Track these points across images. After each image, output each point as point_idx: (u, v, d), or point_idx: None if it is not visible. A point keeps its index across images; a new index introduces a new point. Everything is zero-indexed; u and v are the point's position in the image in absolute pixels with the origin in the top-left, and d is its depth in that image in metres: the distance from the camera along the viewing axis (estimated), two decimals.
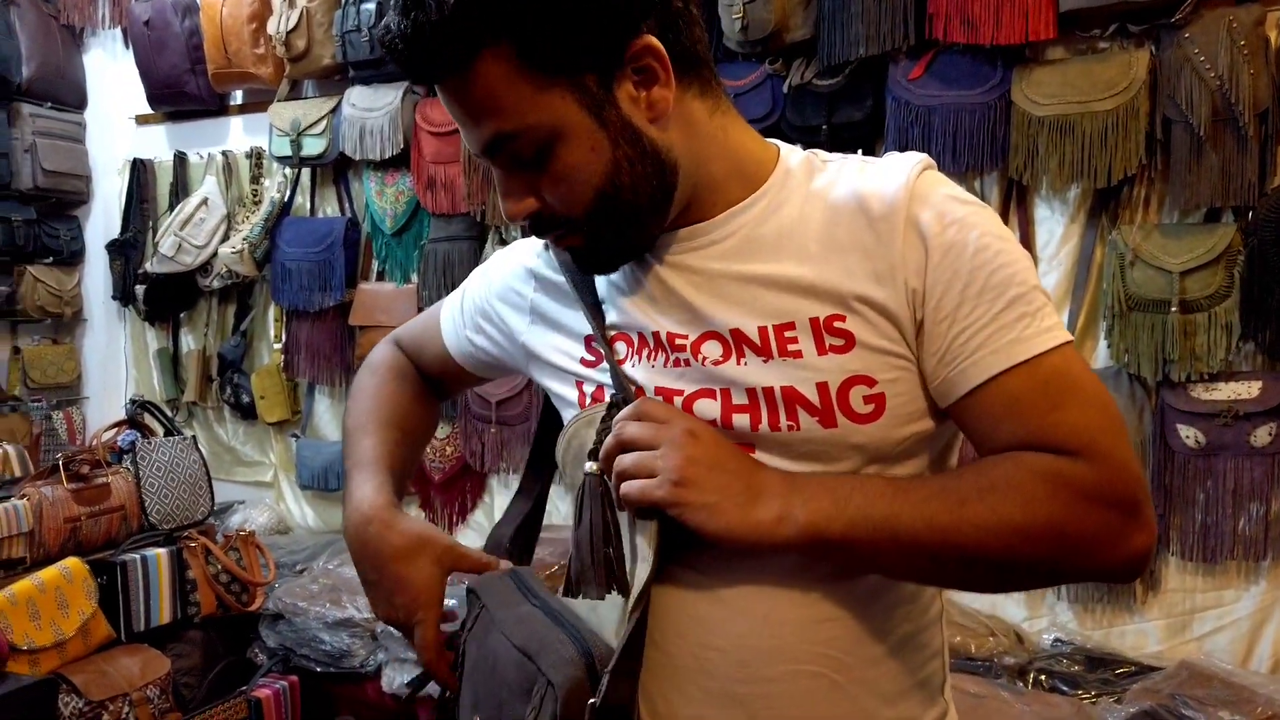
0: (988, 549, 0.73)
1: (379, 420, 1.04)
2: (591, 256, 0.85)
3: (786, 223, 0.82)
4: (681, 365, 0.83)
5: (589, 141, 0.77)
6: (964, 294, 0.76)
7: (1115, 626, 2.29)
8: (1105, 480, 0.73)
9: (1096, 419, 0.76)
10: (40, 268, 3.73)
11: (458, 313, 1.07)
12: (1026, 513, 0.73)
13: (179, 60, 3.50)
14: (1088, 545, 0.73)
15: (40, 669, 2.12)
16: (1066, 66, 2.24)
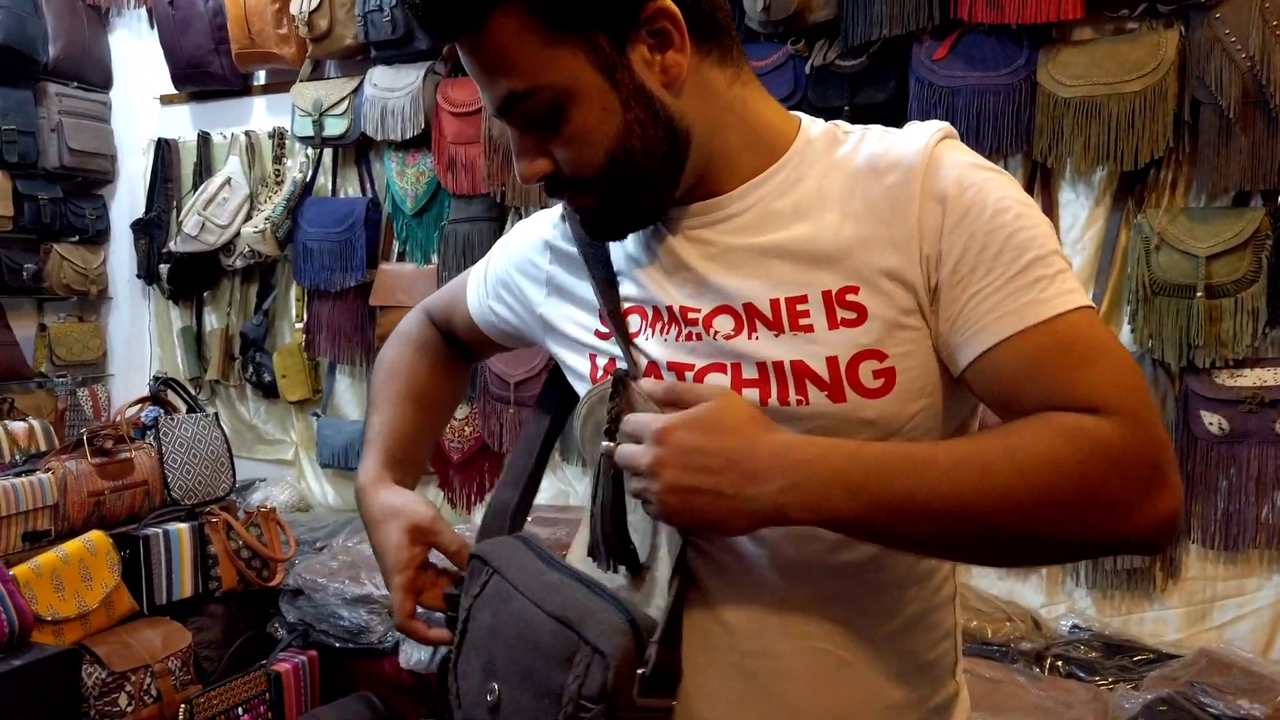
0: (1014, 518, 0.69)
1: (392, 395, 1.06)
2: (602, 220, 0.85)
3: (804, 195, 0.81)
4: (694, 339, 0.83)
5: (600, 103, 0.77)
6: (980, 257, 0.75)
7: (1134, 614, 2.27)
8: (1132, 439, 0.69)
9: (1123, 378, 0.72)
10: (66, 246, 3.76)
11: (481, 281, 1.08)
12: (1054, 475, 0.68)
13: (203, 40, 3.52)
14: (1116, 508, 0.69)
15: (64, 640, 2.15)
16: (1094, 47, 2.21)
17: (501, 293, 1.05)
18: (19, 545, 2.25)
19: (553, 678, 0.75)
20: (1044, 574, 2.37)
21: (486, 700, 0.81)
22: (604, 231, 0.87)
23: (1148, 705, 1.85)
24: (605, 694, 0.72)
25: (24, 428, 2.84)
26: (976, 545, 0.73)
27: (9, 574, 2.06)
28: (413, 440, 1.04)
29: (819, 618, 0.82)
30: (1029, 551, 0.74)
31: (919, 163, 0.77)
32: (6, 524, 2.22)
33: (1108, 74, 2.16)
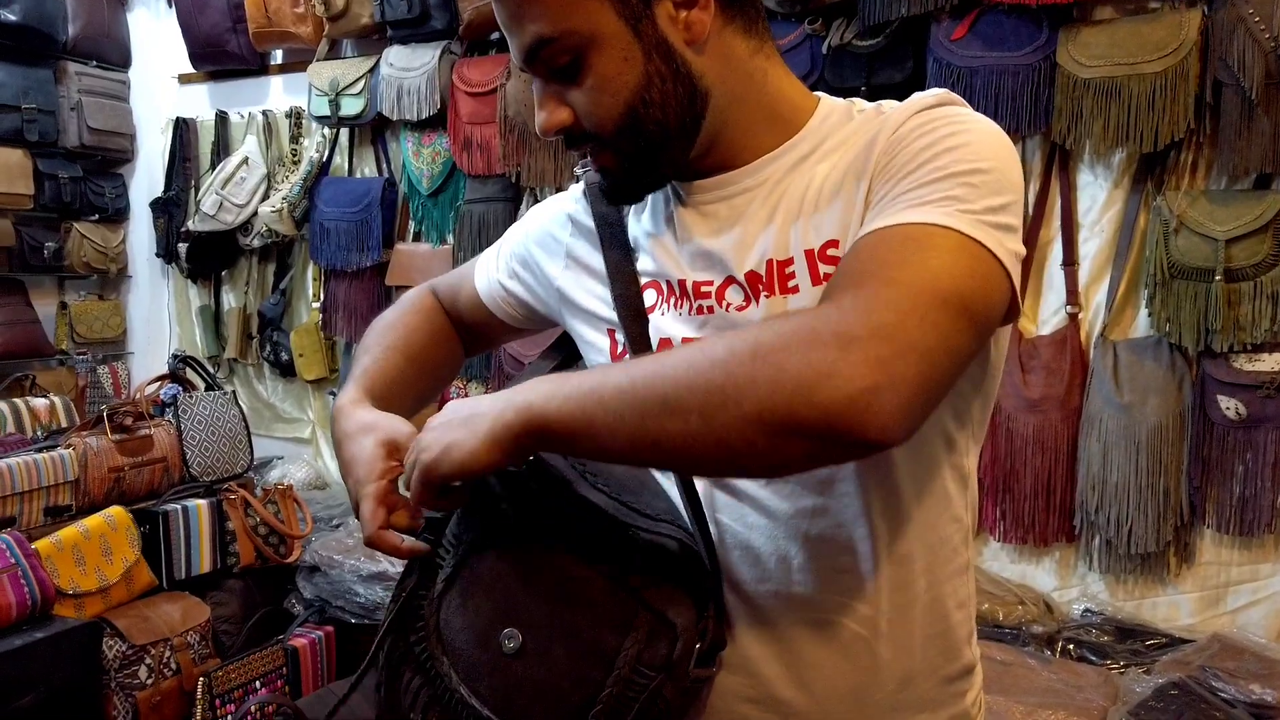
0: (689, 389, 0.65)
1: (383, 345, 1.03)
2: (619, 178, 0.85)
3: (809, 166, 0.83)
4: (705, 313, 0.85)
5: (623, 52, 0.78)
6: (900, 170, 0.74)
7: (1147, 598, 2.27)
8: (829, 316, 0.64)
9: (899, 274, 0.66)
10: (86, 225, 3.80)
11: (493, 260, 1.09)
12: (731, 347, 0.65)
13: (220, 19, 3.53)
14: (794, 377, 0.62)
15: (85, 613, 2.19)
16: (1115, 27, 2.19)
17: (517, 268, 1.05)
18: (41, 520, 2.28)
19: (603, 639, 0.74)
20: (1057, 557, 2.37)
21: (502, 646, 0.77)
22: (620, 192, 0.88)
23: (1159, 689, 1.85)
24: (668, 664, 0.72)
25: (45, 404, 2.88)
26: (665, 427, 0.66)
27: (31, 548, 2.09)
28: (399, 387, 1.00)
29: (830, 591, 0.83)
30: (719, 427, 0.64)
31: (900, 113, 0.78)
32: (28, 499, 2.25)
33: (1128, 54, 2.14)
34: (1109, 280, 2.30)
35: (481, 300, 1.09)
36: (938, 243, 0.68)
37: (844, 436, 0.62)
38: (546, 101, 0.82)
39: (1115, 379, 2.22)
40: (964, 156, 0.72)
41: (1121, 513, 2.19)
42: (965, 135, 0.74)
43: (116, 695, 2.17)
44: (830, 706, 0.84)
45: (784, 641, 0.83)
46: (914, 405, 0.63)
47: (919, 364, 0.63)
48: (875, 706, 0.84)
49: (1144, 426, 2.16)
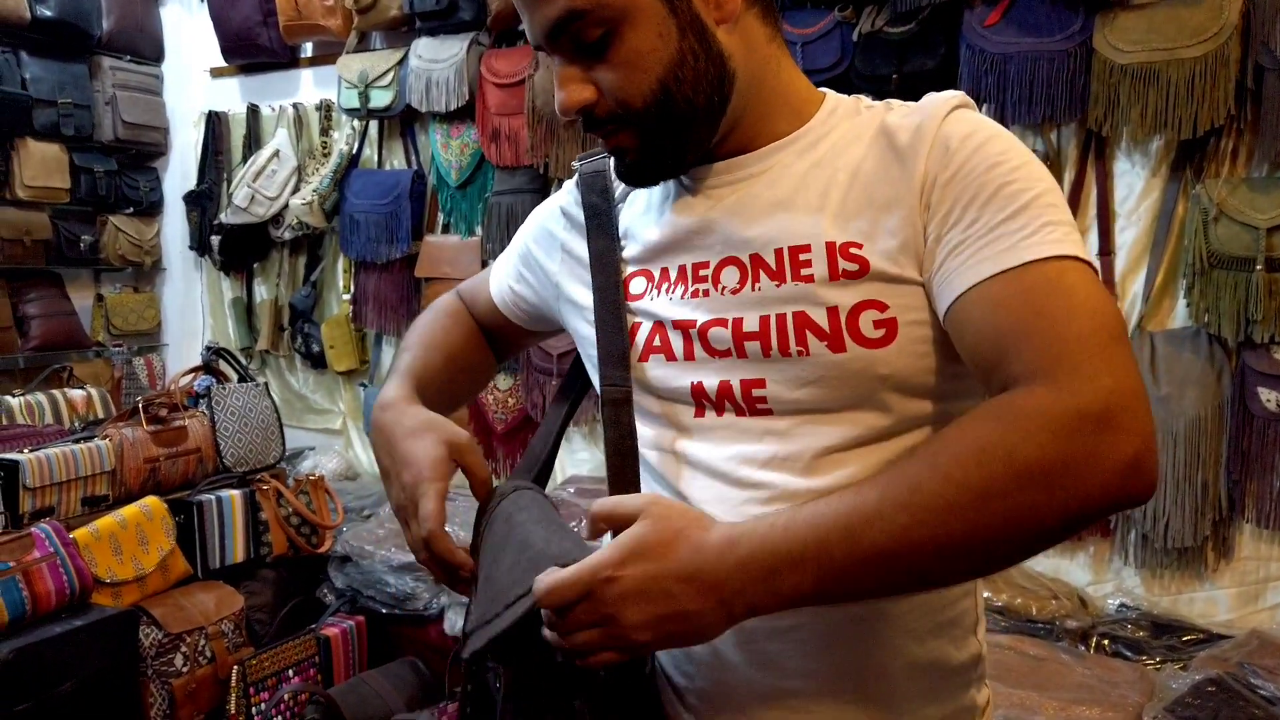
0: (960, 526, 0.64)
1: (423, 344, 1.04)
2: (640, 160, 0.84)
3: (820, 157, 0.83)
4: (700, 295, 0.84)
5: (658, 27, 0.77)
6: (970, 205, 0.74)
7: (1184, 593, 2.23)
8: (1065, 395, 0.64)
9: (1075, 328, 0.67)
10: (121, 218, 3.84)
11: (504, 263, 1.09)
12: (982, 464, 0.64)
13: (251, 13, 3.55)
14: (1063, 472, 0.63)
15: (122, 601, 2.22)
16: (1153, 11, 2.14)
17: (522, 269, 1.05)
18: (78, 509, 2.31)
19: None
20: (1091, 552, 2.34)
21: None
22: (640, 174, 0.86)
23: (1196, 686, 1.82)
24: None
25: (82, 396, 2.92)
26: (946, 566, 0.67)
27: (69, 537, 2.13)
28: (438, 385, 1.00)
29: None
30: (1001, 549, 0.66)
31: (931, 124, 0.78)
32: (67, 489, 2.29)
33: (1167, 39, 2.09)
34: (1146, 270, 2.26)
35: (496, 306, 1.09)
36: (1073, 279, 0.70)
37: (1124, 505, 0.65)
38: (570, 79, 0.80)
39: (1153, 370, 2.18)
40: (1030, 177, 0.74)
41: (1158, 506, 2.16)
42: (1013, 153, 0.76)
43: (153, 683, 2.20)
44: (838, 697, 0.83)
45: (786, 636, 0.82)
46: (1155, 441, 0.66)
47: (1142, 406, 0.66)
48: (883, 696, 0.83)
49: (1182, 419, 2.13)
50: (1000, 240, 0.73)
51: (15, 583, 1.98)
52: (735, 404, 0.83)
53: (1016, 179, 0.74)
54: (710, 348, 0.83)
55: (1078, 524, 0.65)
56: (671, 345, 0.86)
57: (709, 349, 0.83)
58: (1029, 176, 0.74)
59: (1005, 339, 0.70)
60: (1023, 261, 0.71)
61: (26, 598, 1.99)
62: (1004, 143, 0.77)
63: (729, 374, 0.83)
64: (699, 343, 0.84)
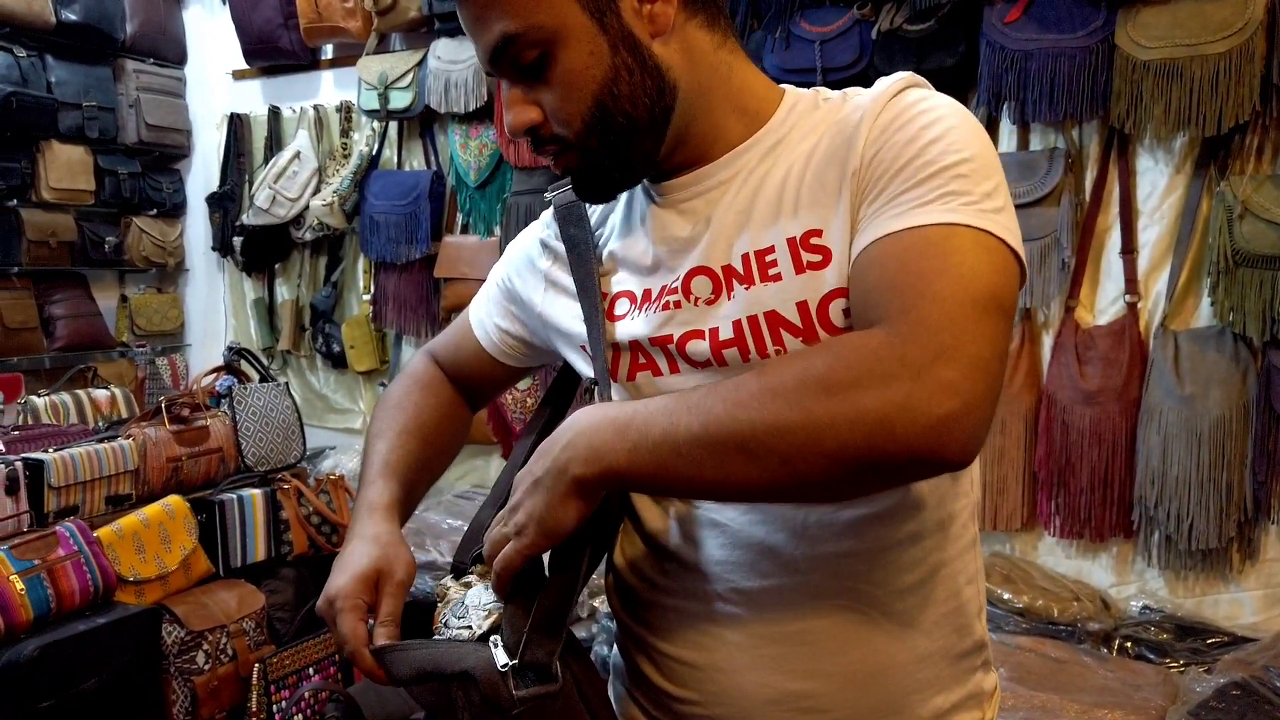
0: (764, 431, 0.65)
1: (397, 429, 1.01)
2: (588, 178, 0.85)
3: (779, 156, 0.83)
4: (672, 308, 0.84)
5: (589, 46, 0.78)
6: (884, 176, 0.75)
7: (1208, 595, 2.21)
8: (892, 342, 0.65)
9: (937, 287, 0.67)
10: (145, 219, 3.88)
11: (484, 305, 1.07)
12: (801, 380, 0.65)
13: (272, 15, 3.58)
14: (867, 405, 0.63)
15: (145, 599, 2.23)
16: (1176, 6, 2.12)
17: (506, 305, 1.04)
18: (102, 508, 2.33)
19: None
20: (1114, 553, 2.32)
21: None
22: (589, 190, 0.86)
23: (1220, 689, 1.80)
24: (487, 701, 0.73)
25: (106, 395, 2.95)
26: (747, 460, 0.66)
27: (93, 536, 2.15)
28: (416, 473, 0.99)
29: (837, 576, 0.82)
30: (800, 457, 0.65)
31: (876, 105, 0.78)
32: (90, 488, 2.31)
33: (1190, 35, 2.07)
34: (1170, 268, 2.24)
35: (483, 349, 1.06)
36: (957, 244, 0.69)
37: (925, 465, 0.64)
38: (514, 102, 0.81)
39: (1176, 370, 2.16)
40: (949, 147, 0.73)
41: (1182, 508, 2.13)
42: (942, 124, 0.75)
43: (175, 680, 2.22)
44: (848, 694, 0.83)
45: (793, 635, 0.82)
46: (985, 420, 0.65)
47: (984, 379, 0.65)
48: (893, 689, 0.83)
49: (1206, 419, 2.10)
50: (895, 207, 0.72)
51: (40, 581, 2.00)
52: None
53: (932, 151, 0.73)
54: (690, 360, 0.83)
55: (875, 463, 0.64)
56: (655, 360, 0.86)
57: (690, 361, 0.83)
58: (947, 148, 0.73)
59: (872, 293, 0.71)
60: (907, 226, 0.71)
61: (51, 595, 2.01)
62: (934, 115, 0.75)
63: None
64: (679, 356, 0.84)
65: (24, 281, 3.50)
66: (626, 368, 0.88)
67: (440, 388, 1.08)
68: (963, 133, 0.75)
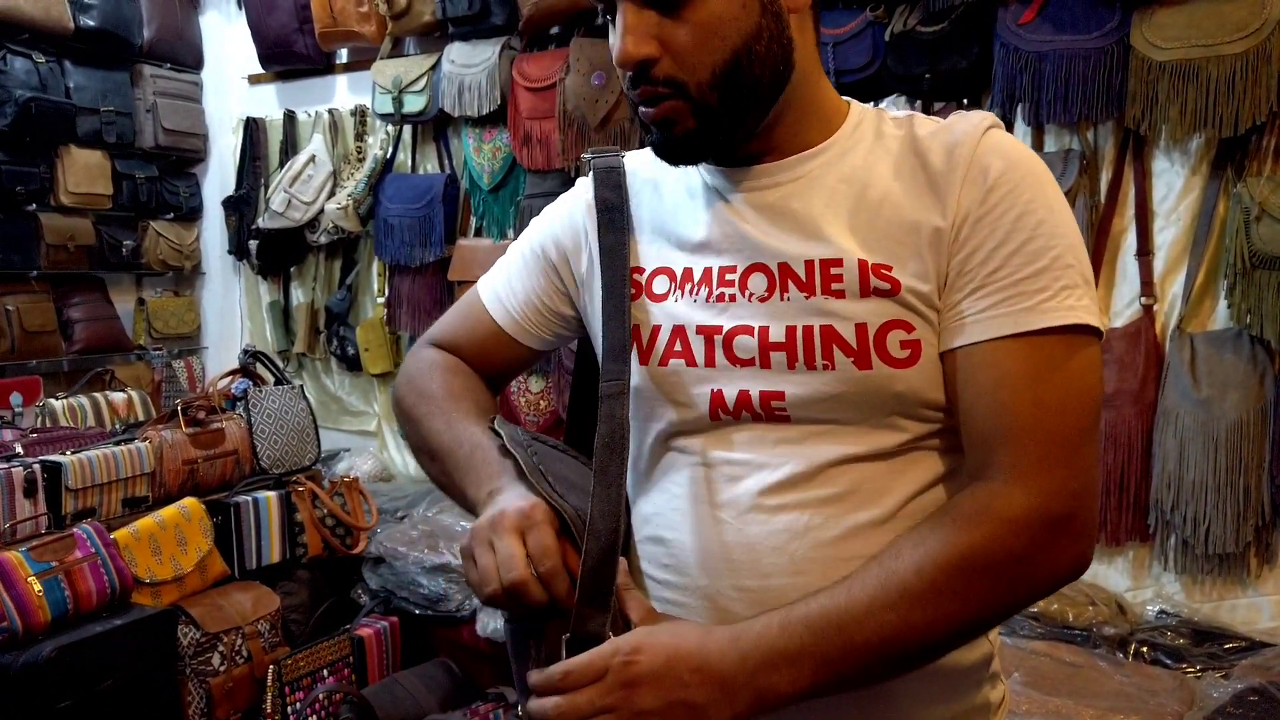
0: (944, 626, 0.73)
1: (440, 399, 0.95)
2: (685, 134, 0.81)
3: (849, 170, 0.82)
4: (725, 300, 0.84)
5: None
6: (994, 252, 0.76)
7: (1225, 600, 2.19)
8: (1033, 502, 0.73)
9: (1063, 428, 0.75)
10: (162, 223, 3.91)
11: (503, 281, 1.02)
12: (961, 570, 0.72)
13: (288, 20, 3.60)
14: (1024, 572, 0.74)
15: (161, 601, 2.26)
16: (1192, 7, 2.10)
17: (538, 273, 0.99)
18: (119, 510, 2.36)
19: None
20: (1130, 557, 2.30)
21: None
22: (684, 150, 0.83)
23: (1238, 695, 1.78)
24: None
25: (123, 398, 2.98)
26: (926, 653, 0.76)
27: (110, 538, 2.17)
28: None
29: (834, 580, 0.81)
30: (972, 632, 0.78)
31: (964, 150, 0.78)
32: (108, 490, 2.33)
33: (1207, 35, 2.05)
34: (1186, 270, 2.22)
35: (500, 329, 1.00)
36: (1077, 365, 0.75)
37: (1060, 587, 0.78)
38: (635, 28, 0.76)
39: (1192, 373, 2.14)
40: (1055, 229, 0.76)
41: (1199, 511, 2.11)
42: (1045, 196, 0.77)
43: (191, 681, 2.24)
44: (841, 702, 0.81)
45: None
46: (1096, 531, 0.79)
47: (1094, 506, 0.78)
48: (890, 700, 0.83)
49: (1223, 422, 2.08)
50: (1019, 299, 0.75)
51: (58, 582, 2.02)
52: (753, 411, 0.83)
53: (1043, 232, 0.76)
54: (733, 355, 0.83)
55: (1027, 606, 0.79)
56: (693, 350, 0.85)
57: (731, 357, 0.83)
58: (1055, 229, 0.76)
59: (1001, 418, 0.76)
60: (1036, 328, 0.75)
61: (69, 597, 2.03)
62: (1036, 184, 0.78)
63: (749, 383, 0.82)
64: (721, 350, 0.83)
65: (43, 285, 3.53)
66: (661, 352, 0.86)
67: (459, 366, 1.01)
68: (1061, 210, 0.78)
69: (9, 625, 1.92)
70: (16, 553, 2.00)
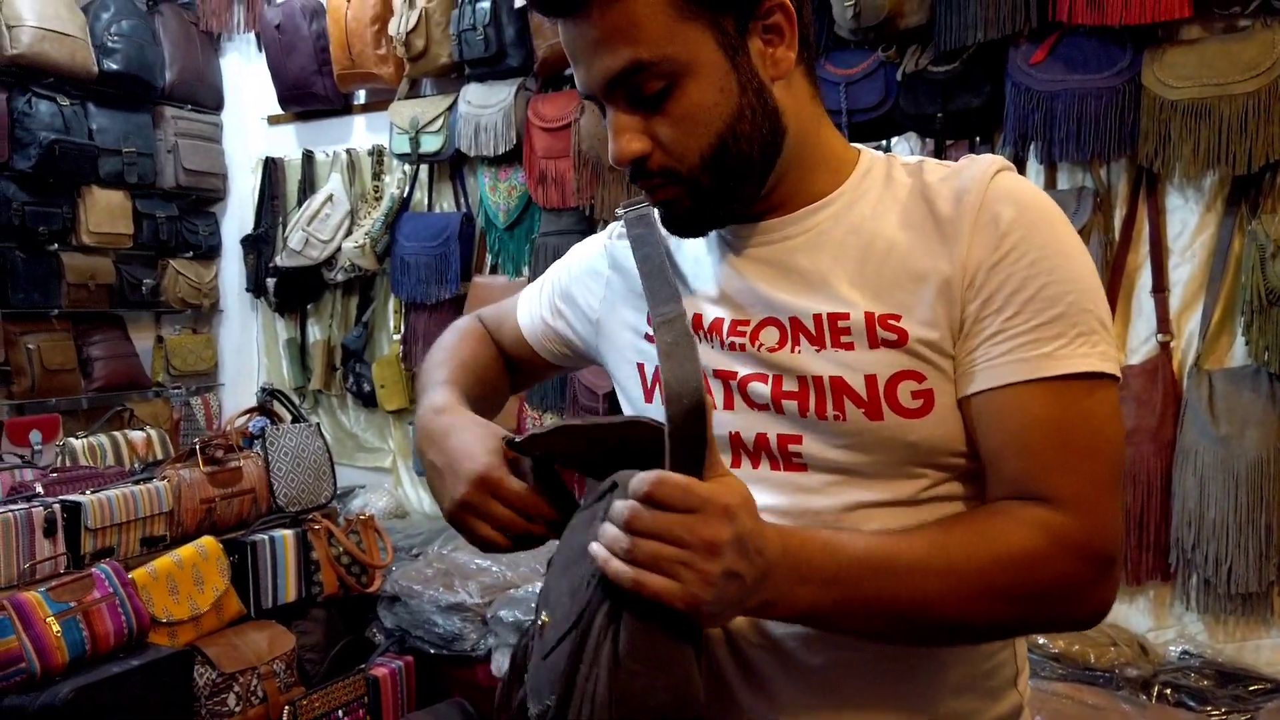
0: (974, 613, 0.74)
1: (454, 362, 1.04)
2: (686, 213, 0.84)
3: (858, 220, 0.83)
4: (737, 350, 0.85)
5: (720, 82, 0.78)
6: (1011, 298, 0.76)
7: (1249, 640, 2.16)
8: (1090, 536, 0.74)
9: (1098, 471, 0.75)
10: (181, 261, 3.96)
11: (535, 296, 1.10)
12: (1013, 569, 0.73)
13: (307, 62, 3.66)
14: (1064, 596, 0.75)
15: (178, 641, 2.26)
16: (1203, 47, 2.12)
17: (559, 305, 1.06)
18: (137, 550, 2.37)
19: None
20: (1152, 597, 2.28)
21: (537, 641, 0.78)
22: (687, 225, 0.86)
23: None
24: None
25: (142, 437, 3.00)
26: (937, 634, 0.76)
27: (128, 577, 2.17)
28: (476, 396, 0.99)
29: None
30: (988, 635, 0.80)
31: (974, 197, 0.78)
32: (126, 530, 2.34)
33: (1218, 74, 2.07)
34: (1202, 307, 2.22)
35: (524, 336, 1.09)
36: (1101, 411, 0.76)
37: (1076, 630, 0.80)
38: (624, 130, 0.79)
39: (1211, 410, 2.13)
40: (1072, 274, 0.77)
41: (1220, 550, 2.09)
42: (1060, 241, 0.77)
43: None
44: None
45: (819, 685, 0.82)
46: None
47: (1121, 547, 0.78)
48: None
49: (1243, 460, 2.07)
50: (1036, 345, 0.75)
51: (76, 623, 2.03)
52: (771, 456, 0.83)
53: (1058, 277, 0.76)
54: (749, 400, 0.84)
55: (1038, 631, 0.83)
56: (711, 391, 0.86)
57: (748, 400, 0.84)
58: (1070, 274, 0.76)
59: (1037, 459, 0.76)
60: (1057, 374, 0.75)
61: (87, 638, 2.03)
62: (1050, 228, 0.78)
63: (767, 427, 0.83)
64: (739, 394, 0.84)
65: (63, 323, 3.58)
66: None
67: (492, 345, 1.11)
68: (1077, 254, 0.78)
69: (27, 666, 1.92)
70: (36, 593, 2.01)
